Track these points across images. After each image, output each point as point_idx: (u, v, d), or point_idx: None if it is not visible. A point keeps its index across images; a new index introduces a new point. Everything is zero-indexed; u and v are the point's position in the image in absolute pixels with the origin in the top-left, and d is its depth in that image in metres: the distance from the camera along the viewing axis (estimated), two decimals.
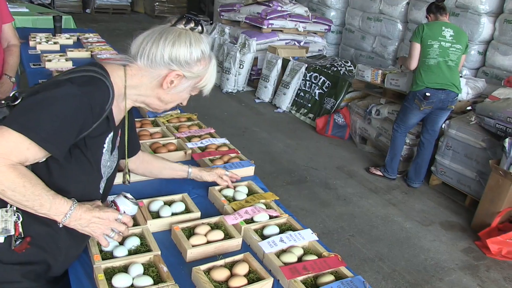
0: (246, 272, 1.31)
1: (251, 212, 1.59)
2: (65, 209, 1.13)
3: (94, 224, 1.18)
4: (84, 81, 1.14)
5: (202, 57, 1.25)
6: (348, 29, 6.98)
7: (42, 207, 1.09)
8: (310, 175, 4.13)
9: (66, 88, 1.10)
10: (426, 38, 3.65)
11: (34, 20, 5.31)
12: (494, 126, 3.53)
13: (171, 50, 1.21)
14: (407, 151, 4.29)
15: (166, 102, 1.32)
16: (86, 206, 1.18)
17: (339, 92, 5.30)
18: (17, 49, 2.70)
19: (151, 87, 1.27)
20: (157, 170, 1.74)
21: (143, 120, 2.36)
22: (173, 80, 1.25)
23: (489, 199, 3.34)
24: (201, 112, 5.06)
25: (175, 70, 1.23)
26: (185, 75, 1.25)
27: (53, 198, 1.11)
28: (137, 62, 1.24)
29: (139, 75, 1.25)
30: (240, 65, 6.33)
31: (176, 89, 1.27)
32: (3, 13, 2.60)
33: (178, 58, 1.21)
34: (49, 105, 1.07)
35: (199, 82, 1.30)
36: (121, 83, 1.24)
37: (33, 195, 1.07)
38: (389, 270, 2.91)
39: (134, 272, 1.24)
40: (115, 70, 1.23)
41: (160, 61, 1.21)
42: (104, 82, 1.17)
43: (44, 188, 1.10)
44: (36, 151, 1.07)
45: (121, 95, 1.25)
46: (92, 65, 1.21)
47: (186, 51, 1.22)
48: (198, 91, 1.35)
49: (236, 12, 6.98)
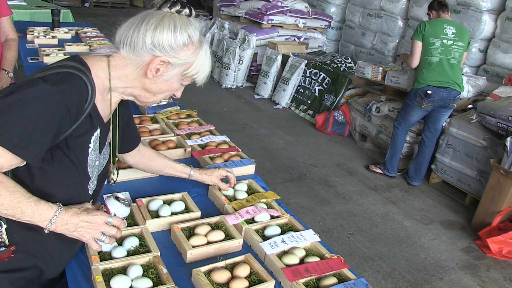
0: (247, 274, 1.29)
1: (252, 212, 1.56)
2: (49, 214, 1.08)
3: (82, 229, 1.14)
4: (58, 78, 1.06)
5: (189, 41, 1.15)
6: (348, 26, 6.94)
7: (23, 214, 1.04)
8: (310, 172, 4.11)
9: (39, 88, 1.02)
10: (428, 36, 3.62)
11: (32, 13, 5.26)
12: (495, 124, 3.51)
13: (153, 34, 1.11)
14: (407, 149, 4.27)
15: (154, 93, 1.21)
16: (73, 210, 1.13)
17: (339, 89, 5.27)
18: (15, 43, 2.66)
19: (136, 77, 1.18)
20: (158, 167, 1.68)
21: (142, 117, 2.32)
22: (158, 68, 1.15)
23: (489, 198, 3.32)
24: (201, 108, 5.05)
25: (159, 56, 1.13)
26: (171, 62, 1.15)
27: (35, 204, 1.06)
28: (121, 50, 1.16)
29: (123, 65, 1.16)
30: (240, 61, 6.29)
31: (163, 77, 1.17)
32: (1, 6, 2.56)
33: (161, 43, 1.12)
34: (21, 107, 0.99)
35: (188, 69, 1.19)
36: (105, 75, 1.16)
37: (12, 203, 1.02)
38: (389, 269, 2.89)
39: (133, 274, 1.21)
40: (97, 63, 1.16)
41: (142, 47, 1.12)
42: (81, 78, 1.09)
43: (24, 194, 1.04)
44: (10, 158, 1.00)
45: (106, 88, 1.18)
46: (70, 60, 1.13)
47: (169, 35, 1.12)
48: (190, 81, 1.24)
49: (236, 7, 6.93)
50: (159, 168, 1.68)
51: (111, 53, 1.18)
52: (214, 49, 6.90)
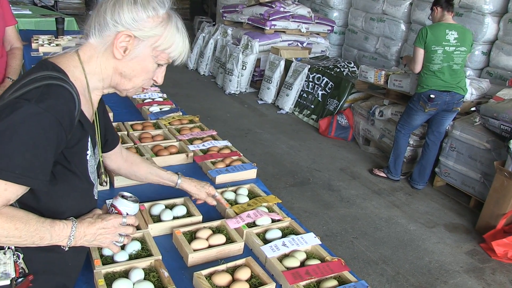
0: (248, 277, 1.30)
1: (253, 216, 1.57)
2: (67, 232, 1.06)
3: (101, 236, 1.13)
4: (40, 94, 0.97)
5: (154, 14, 1.08)
6: (351, 30, 6.96)
7: (42, 239, 1.02)
8: (313, 177, 4.11)
9: (24, 110, 0.94)
10: (430, 43, 3.61)
11: (36, 22, 5.32)
12: (499, 127, 3.50)
13: (113, 9, 1.06)
14: (410, 152, 4.26)
15: (130, 77, 1.13)
16: (88, 221, 1.11)
17: (342, 93, 5.28)
18: (20, 52, 2.70)
19: (107, 62, 1.11)
20: (142, 174, 1.56)
21: (144, 123, 2.34)
22: (125, 46, 1.08)
23: (494, 201, 3.31)
24: (204, 113, 5.08)
25: (122, 30, 1.06)
26: (136, 35, 1.07)
27: (51, 227, 1.03)
28: (90, 39, 1.10)
29: (93, 54, 1.10)
30: (243, 67, 6.32)
31: (132, 54, 1.09)
32: (7, 16, 2.60)
33: (122, 16, 1.06)
34: (11, 135, 0.92)
35: (157, 42, 1.10)
36: (80, 73, 1.10)
37: (29, 232, 0.99)
38: (393, 272, 2.88)
39: (135, 277, 1.23)
40: (69, 63, 1.09)
41: (105, 26, 1.07)
42: (64, 87, 1.02)
43: (38, 221, 1.01)
44: (15, 189, 0.96)
45: (86, 87, 1.11)
46: (43, 68, 1.04)
47: (130, 7, 1.06)
48: (166, 59, 1.15)
49: (239, 13, 6.97)
50: (144, 175, 1.56)
51: (80, 44, 1.12)
52: (218, 55, 6.94)
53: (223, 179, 1.88)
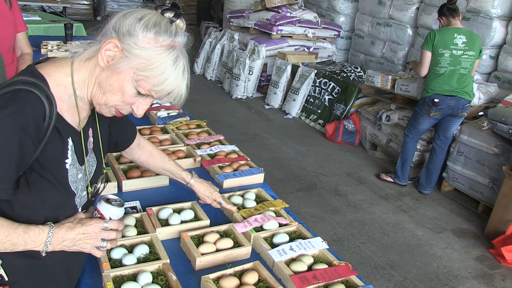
0: (256, 281, 1.30)
1: (260, 220, 1.58)
2: (42, 237, 1.02)
3: (81, 241, 1.09)
4: (6, 100, 0.94)
5: (152, 37, 1.00)
6: (357, 35, 6.96)
7: (16, 245, 0.99)
8: (320, 182, 4.10)
9: None
10: (437, 46, 3.61)
11: (46, 28, 5.38)
12: (507, 131, 3.48)
13: (118, 18, 1.03)
14: (418, 157, 4.25)
15: (104, 91, 1.04)
16: (67, 225, 1.07)
17: (348, 98, 5.27)
18: (30, 58, 2.73)
19: (94, 69, 1.05)
20: (157, 169, 1.61)
21: (152, 127, 2.36)
22: (111, 56, 1.02)
23: (503, 206, 3.28)
24: (211, 118, 5.09)
25: (113, 38, 1.01)
26: (123, 47, 1.00)
27: (25, 233, 1.00)
28: (91, 46, 1.08)
29: (88, 62, 1.06)
30: (250, 71, 6.34)
31: (114, 66, 1.01)
32: (18, 22, 2.63)
33: (120, 26, 1.01)
34: None
35: (141, 65, 1.00)
36: (65, 78, 1.05)
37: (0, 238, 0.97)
38: (400, 278, 2.87)
39: (143, 281, 1.24)
40: (56, 69, 1.05)
41: (105, 31, 1.04)
42: (33, 93, 0.97)
43: (10, 226, 0.98)
44: None
45: (71, 94, 1.06)
46: (22, 73, 1.02)
47: (133, 21, 1.00)
48: (147, 90, 1.03)
49: (246, 18, 7.00)
50: (158, 170, 1.62)
51: (74, 55, 1.09)
52: (224, 60, 6.97)
53: (231, 184, 1.89)
